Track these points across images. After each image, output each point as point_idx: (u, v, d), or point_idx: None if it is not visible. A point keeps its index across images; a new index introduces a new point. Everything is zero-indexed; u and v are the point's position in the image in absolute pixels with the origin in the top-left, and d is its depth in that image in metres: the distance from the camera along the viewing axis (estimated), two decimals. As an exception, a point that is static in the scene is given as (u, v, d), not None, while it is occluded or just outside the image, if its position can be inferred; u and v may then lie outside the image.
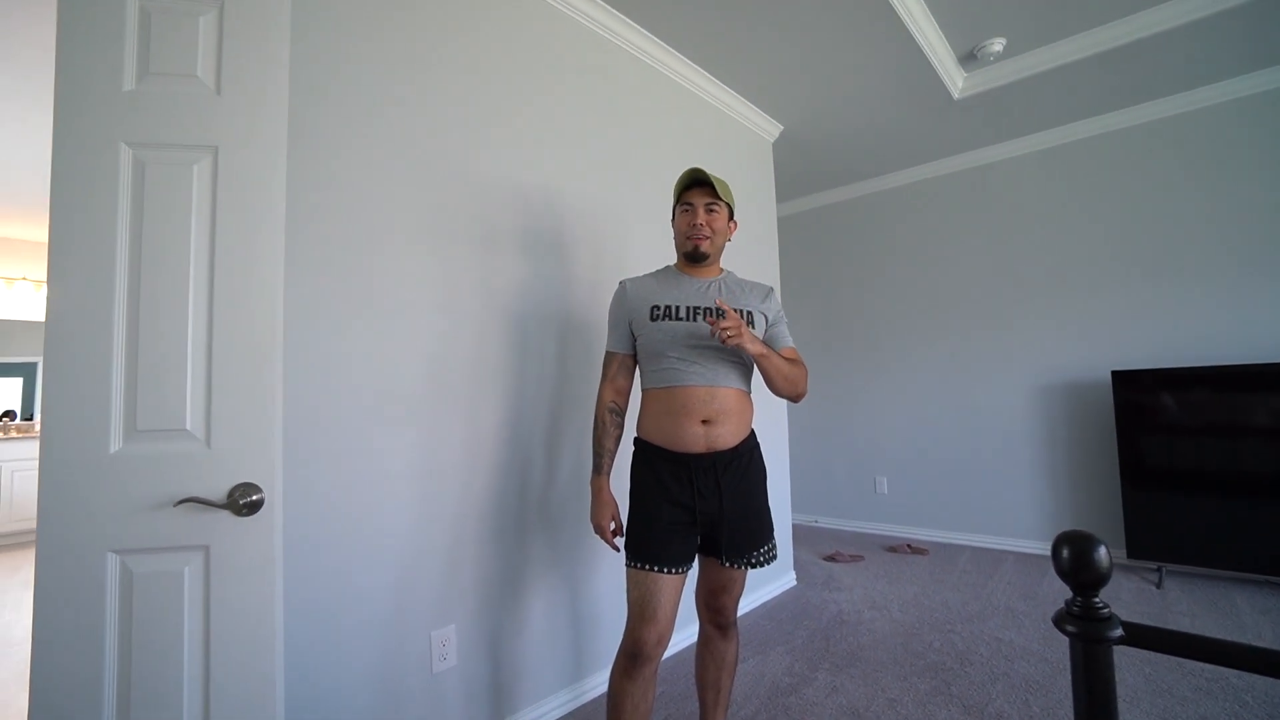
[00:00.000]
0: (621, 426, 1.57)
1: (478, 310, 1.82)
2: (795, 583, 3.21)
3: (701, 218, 1.49)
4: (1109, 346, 3.43)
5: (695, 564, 1.47)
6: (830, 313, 4.61)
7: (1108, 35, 2.69)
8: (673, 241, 1.62)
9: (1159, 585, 2.94)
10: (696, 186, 1.52)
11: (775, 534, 1.51)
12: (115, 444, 1.05)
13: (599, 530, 1.49)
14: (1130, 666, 2.11)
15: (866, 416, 4.38)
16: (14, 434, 4.80)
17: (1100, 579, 0.62)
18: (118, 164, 1.09)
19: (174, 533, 1.06)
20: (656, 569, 1.37)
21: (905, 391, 4.21)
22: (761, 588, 2.95)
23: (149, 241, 1.10)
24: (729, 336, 1.30)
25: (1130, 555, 3.08)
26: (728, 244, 1.60)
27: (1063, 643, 2.33)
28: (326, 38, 1.56)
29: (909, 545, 3.79)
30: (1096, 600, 0.63)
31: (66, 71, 1.08)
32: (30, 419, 5.07)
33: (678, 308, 1.47)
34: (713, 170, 2.84)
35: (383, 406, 1.57)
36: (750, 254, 3.14)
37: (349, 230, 1.55)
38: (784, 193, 4.46)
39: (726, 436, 1.42)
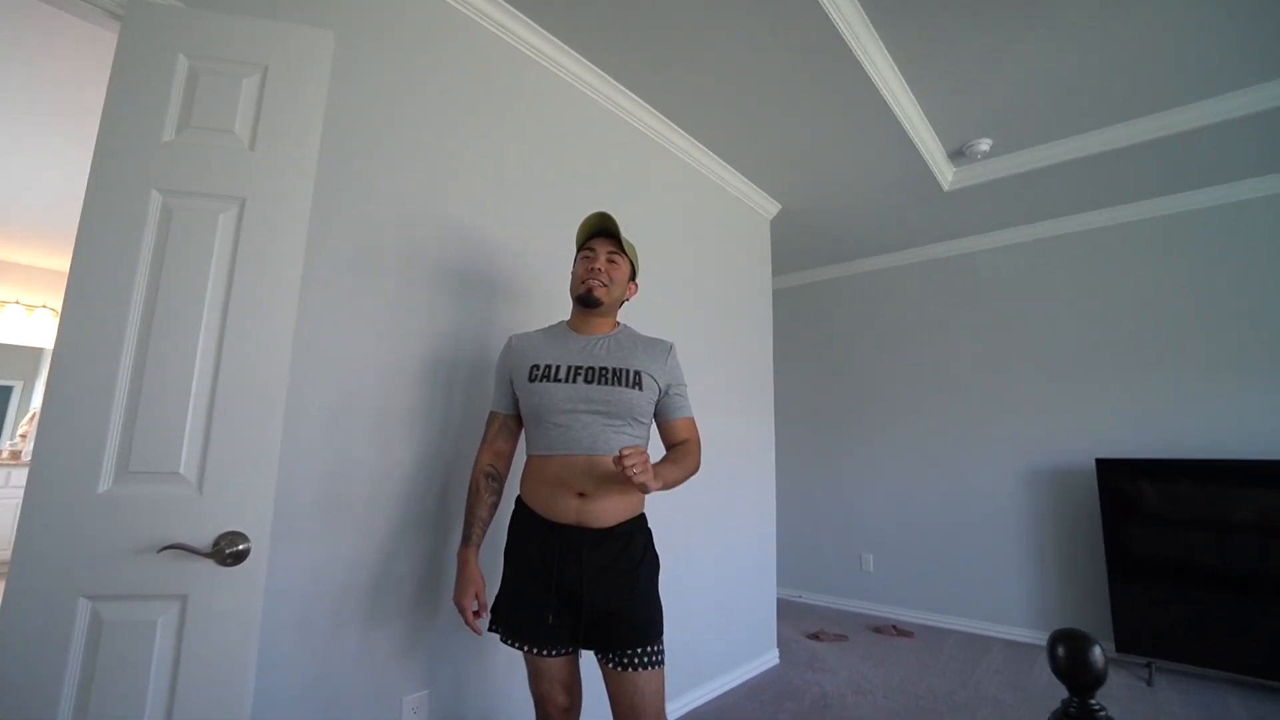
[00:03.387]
0: (498, 493, 1.45)
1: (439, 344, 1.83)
2: (778, 660, 3.10)
3: (601, 263, 1.42)
4: (1093, 434, 3.49)
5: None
6: (820, 385, 4.66)
7: (1082, 144, 2.89)
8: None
9: (1149, 683, 2.87)
10: (601, 235, 1.46)
11: (664, 638, 1.30)
12: (105, 484, 1.03)
13: (459, 609, 1.32)
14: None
15: (854, 492, 4.36)
16: (-20, 459, 4.64)
17: (1096, 680, 0.62)
18: (146, 208, 1.13)
19: (153, 580, 1.03)
20: (530, 649, 1.29)
21: (892, 469, 4.21)
22: (744, 664, 2.85)
23: (167, 283, 1.12)
24: (636, 475, 1.15)
25: (1119, 649, 3.03)
26: (722, 320, 1.61)
27: (1053, 741, 2.25)
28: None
29: (894, 627, 3.70)
30: (1093, 702, 0.63)
31: (111, 118, 1.14)
32: (-3, 445, 4.91)
33: (557, 367, 1.36)
34: (712, 243, 3.00)
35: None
36: (745, 327, 3.22)
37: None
38: (779, 266, 4.61)
39: (601, 514, 1.29)
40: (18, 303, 4.96)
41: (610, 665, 1.26)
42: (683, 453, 1.40)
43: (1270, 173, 3.11)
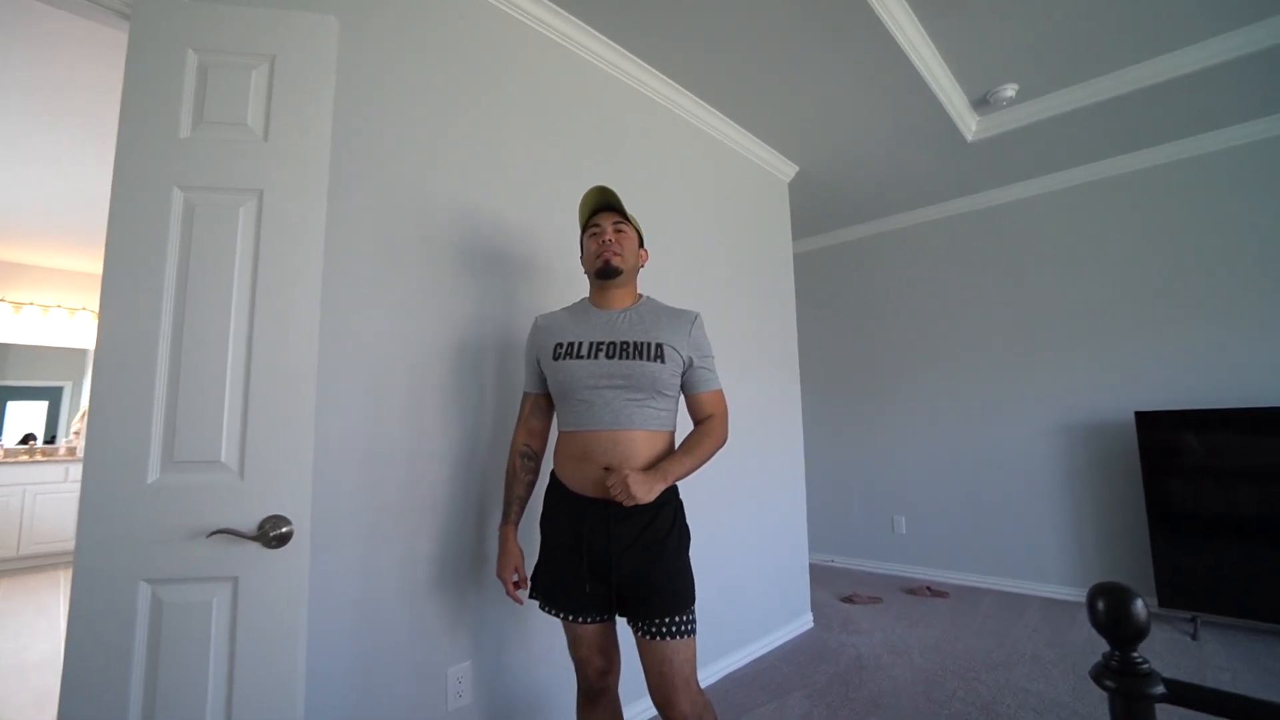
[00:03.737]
0: (535, 471, 1.50)
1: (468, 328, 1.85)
2: (812, 624, 3.13)
3: (610, 235, 1.42)
4: (1131, 386, 3.39)
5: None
6: (846, 349, 4.60)
7: (1116, 82, 2.74)
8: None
9: (1194, 637, 2.83)
10: (604, 210, 1.47)
11: (695, 607, 1.33)
12: (153, 474, 1.08)
13: (502, 582, 1.42)
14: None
15: (883, 455, 4.32)
16: (39, 457, 4.89)
17: (1138, 633, 0.61)
18: (169, 206, 1.15)
19: (205, 563, 1.07)
20: (566, 617, 1.34)
21: (922, 430, 4.16)
22: (778, 629, 2.89)
23: (195, 279, 1.15)
24: (625, 504, 1.23)
25: (1162, 604, 2.98)
26: (744, 286, 1.60)
27: (1093, 695, 2.24)
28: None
29: (929, 588, 3.70)
30: (1135, 655, 0.62)
31: (128, 119, 1.15)
32: (52, 442, 5.16)
33: (580, 344, 1.38)
34: (729, 210, 2.94)
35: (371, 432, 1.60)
36: (767, 292, 3.18)
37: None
38: (800, 230, 4.52)
39: None
40: (59, 306, 5.16)
41: (641, 634, 1.30)
42: (701, 435, 1.39)
43: (1324, 101, 2.92)
